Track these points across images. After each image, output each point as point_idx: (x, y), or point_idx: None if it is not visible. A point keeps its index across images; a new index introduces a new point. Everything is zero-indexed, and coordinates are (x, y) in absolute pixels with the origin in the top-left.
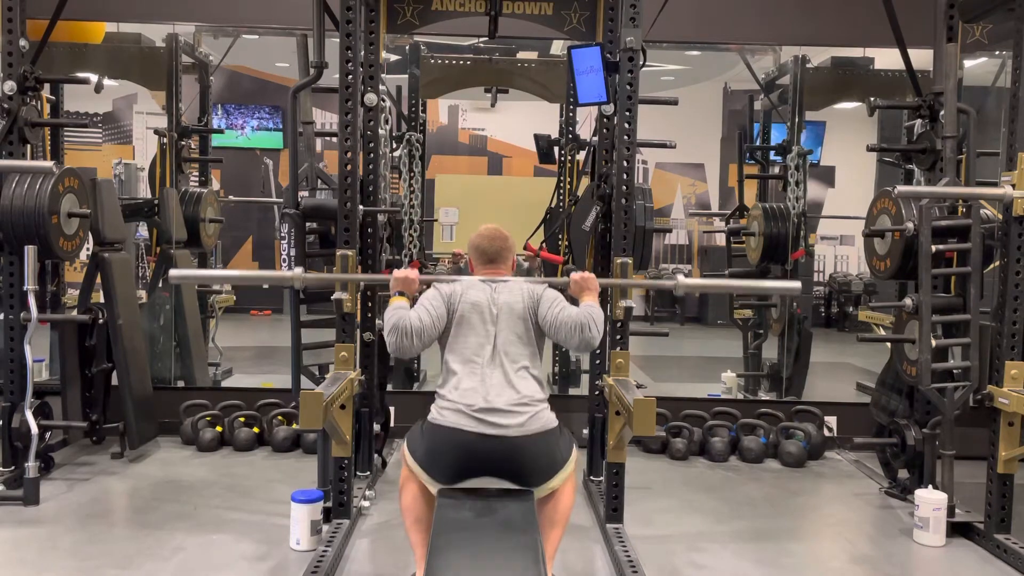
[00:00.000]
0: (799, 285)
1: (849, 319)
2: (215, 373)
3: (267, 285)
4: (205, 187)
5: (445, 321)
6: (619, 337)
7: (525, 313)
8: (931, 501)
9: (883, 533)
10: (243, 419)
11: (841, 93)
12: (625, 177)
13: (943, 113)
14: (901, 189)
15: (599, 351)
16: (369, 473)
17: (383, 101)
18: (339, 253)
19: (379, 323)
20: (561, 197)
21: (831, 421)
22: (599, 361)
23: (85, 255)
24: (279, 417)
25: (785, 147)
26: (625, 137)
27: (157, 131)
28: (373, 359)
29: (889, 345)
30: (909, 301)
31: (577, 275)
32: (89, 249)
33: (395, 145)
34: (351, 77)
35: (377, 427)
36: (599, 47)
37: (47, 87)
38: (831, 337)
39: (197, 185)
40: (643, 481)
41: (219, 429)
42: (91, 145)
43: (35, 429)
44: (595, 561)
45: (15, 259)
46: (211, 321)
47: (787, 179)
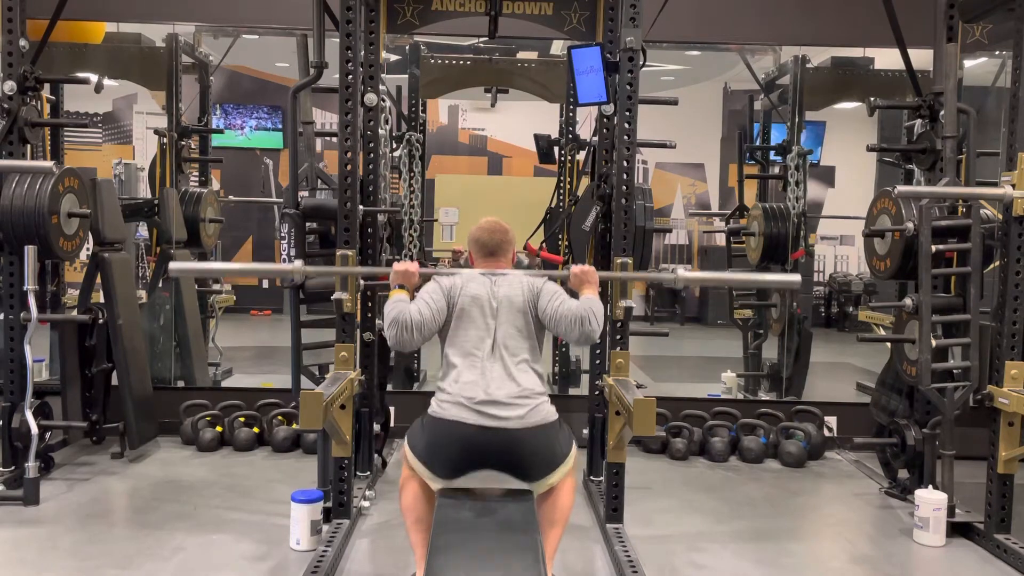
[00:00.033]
0: (798, 278)
1: (849, 319)
2: (215, 373)
3: (266, 284)
4: (205, 187)
5: (445, 314)
6: (619, 337)
7: (525, 306)
8: (931, 501)
9: (883, 533)
10: (243, 419)
11: (841, 93)
12: (625, 177)
13: (943, 113)
14: (901, 189)
15: (599, 351)
16: (369, 473)
17: (383, 101)
18: (339, 253)
19: (379, 323)
20: (561, 197)
21: (831, 421)
22: (599, 361)
23: (85, 255)
24: (279, 417)
25: (785, 147)
26: (625, 137)
27: (157, 131)
28: (373, 359)
29: (889, 345)
30: (909, 301)
31: (577, 268)
32: (89, 249)
33: (395, 145)
34: (351, 77)
35: (377, 427)
36: (599, 47)
37: (47, 87)
38: (831, 337)
39: (197, 185)
40: (643, 481)
41: (219, 429)
42: (91, 145)
43: (35, 429)
44: (595, 561)
45: (15, 259)
46: (211, 321)
47: (787, 179)
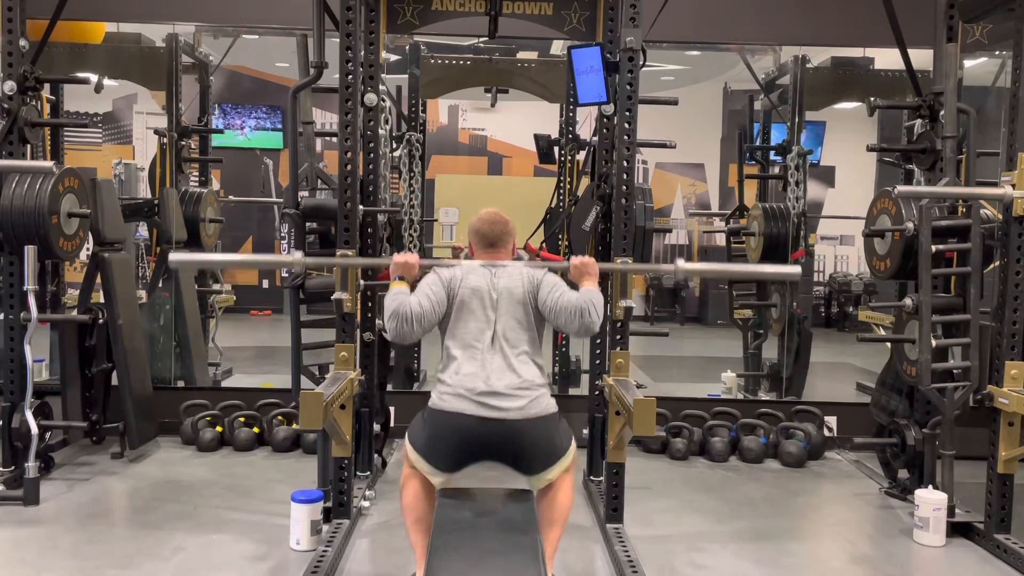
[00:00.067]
0: (798, 269)
1: (849, 319)
2: (215, 373)
3: (266, 284)
4: (205, 187)
5: (445, 306)
6: (619, 337)
7: (525, 298)
8: (931, 501)
9: (883, 533)
10: (243, 419)
11: (841, 93)
12: (625, 177)
13: (943, 113)
14: (901, 189)
15: (599, 351)
16: (369, 473)
17: (383, 101)
18: (339, 253)
19: (379, 323)
20: (561, 197)
21: (831, 421)
22: (599, 361)
23: (85, 255)
24: (279, 417)
25: (785, 147)
26: (625, 137)
27: (157, 131)
28: (373, 359)
29: (889, 345)
30: (909, 301)
31: (577, 260)
32: (89, 249)
33: (395, 145)
34: (351, 77)
35: (377, 427)
36: (599, 47)
37: (47, 87)
38: (831, 337)
39: (197, 185)
40: (643, 481)
41: (219, 429)
42: (91, 145)
43: (35, 429)
44: (595, 561)
45: (15, 259)
46: (211, 321)
47: (787, 179)
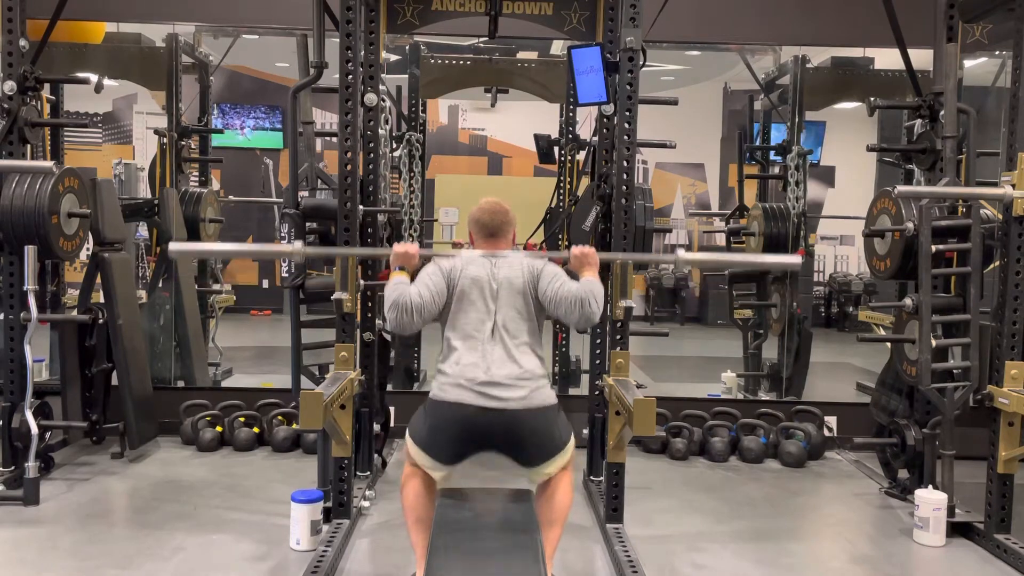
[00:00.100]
0: (799, 259)
1: (849, 319)
2: (215, 373)
3: (266, 284)
4: (205, 187)
5: (445, 297)
6: (619, 337)
7: (525, 288)
8: (931, 501)
9: (883, 533)
10: (243, 419)
11: (841, 93)
12: (625, 177)
13: (943, 113)
14: (901, 189)
15: (599, 351)
16: (369, 473)
17: (383, 101)
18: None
19: (379, 323)
20: (561, 197)
21: (831, 421)
22: (599, 361)
23: (85, 255)
24: (279, 417)
25: (785, 147)
26: (625, 137)
27: (157, 131)
28: (373, 359)
29: (889, 345)
30: (909, 301)
31: (577, 249)
32: (89, 249)
33: (395, 145)
34: (351, 77)
35: (377, 427)
36: (599, 47)
37: (47, 87)
38: (831, 337)
39: (197, 185)
40: (643, 481)
41: (219, 429)
42: (91, 145)
43: (35, 429)
44: (595, 561)
45: (15, 259)
46: (211, 321)
47: (787, 179)
